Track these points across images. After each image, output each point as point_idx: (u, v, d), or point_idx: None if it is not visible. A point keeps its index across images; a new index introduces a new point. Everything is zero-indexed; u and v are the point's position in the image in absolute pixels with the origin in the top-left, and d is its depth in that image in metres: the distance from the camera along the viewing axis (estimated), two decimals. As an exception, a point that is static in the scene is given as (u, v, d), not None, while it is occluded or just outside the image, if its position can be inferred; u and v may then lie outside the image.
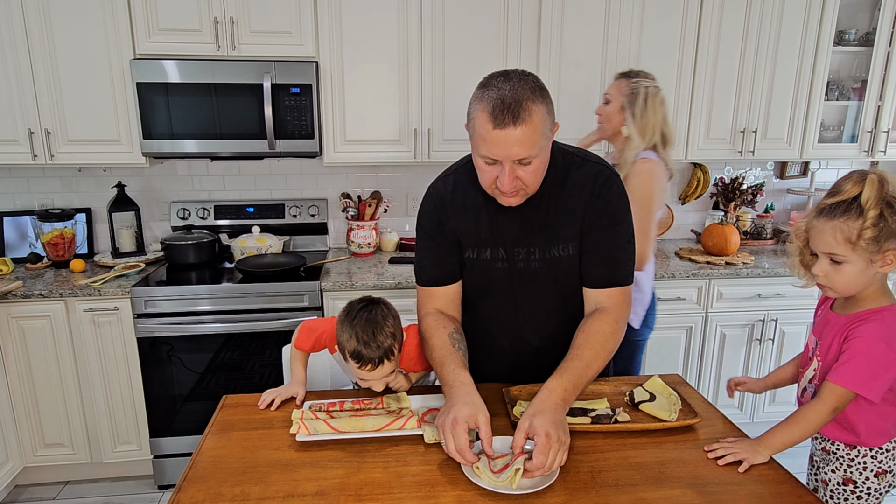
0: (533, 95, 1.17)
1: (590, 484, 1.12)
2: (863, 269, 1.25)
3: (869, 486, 1.36)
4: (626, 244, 1.37)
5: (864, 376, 1.24)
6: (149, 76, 2.44)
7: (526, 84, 1.18)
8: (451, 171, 1.46)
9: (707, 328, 2.79)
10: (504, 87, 1.17)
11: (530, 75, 1.22)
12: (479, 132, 1.20)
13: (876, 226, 1.21)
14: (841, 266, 1.27)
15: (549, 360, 1.44)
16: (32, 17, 2.38)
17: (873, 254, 1.23)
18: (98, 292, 2.39)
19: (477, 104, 1.21)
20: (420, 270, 1.48)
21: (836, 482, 1.39)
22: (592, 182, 1.34)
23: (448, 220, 1.41)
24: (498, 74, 1.22)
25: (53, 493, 2.58)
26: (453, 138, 2.71)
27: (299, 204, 2.98)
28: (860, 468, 1.36)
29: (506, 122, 1.15)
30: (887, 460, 1.36)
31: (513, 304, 1.45)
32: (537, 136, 1.18)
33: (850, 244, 1.23)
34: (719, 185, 3.24)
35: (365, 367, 1.34)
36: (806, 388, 1.43)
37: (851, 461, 1.37)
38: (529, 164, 1.21)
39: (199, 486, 1.11)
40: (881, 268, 1.25)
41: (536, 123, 1.17)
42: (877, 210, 1.21)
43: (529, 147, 1.18)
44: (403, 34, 2.60)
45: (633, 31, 2.71)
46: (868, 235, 1.21)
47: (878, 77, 2.91)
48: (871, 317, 1.28)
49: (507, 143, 1.17)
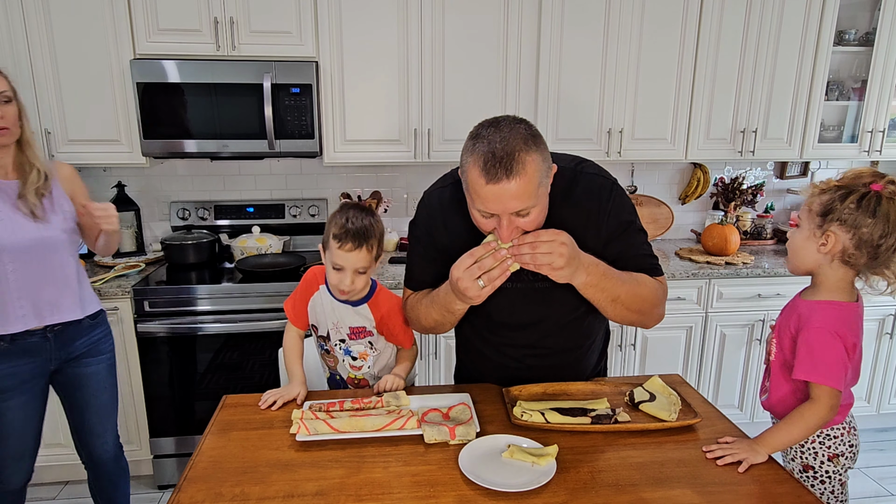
0: (525, 146, 1.12)
1: (590, 484, 1.12)
2: (806, 237, 1.33)
3: (826, 470, 1.40)
4: (644, 244, 1.38)
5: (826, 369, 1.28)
6: (149, 76, 2.44)
7: (518, 133, 1.13)
8: (447, 184, 1.43)
9: (707, 328, 2.79)
10: (495, 138, 1.13)
11: (522, 122, 1.17)
12: (473, 187, 1.16)
13: (827, 203, 1.29)
14: (796, 230, 1.37)
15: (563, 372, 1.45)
16: (32, 17, 2.38)
17: (816, 227, 1.31)
18: (98, 292, 2.39)
19: (468, 157, 1.16)
20: (409, 275, 1.49)
21: (798, 470, 1.43)
22: (597, 197, 1.33)
23: (440, 235, 1.40)
24: (488, 124, 1.17)
25: (53, 494, 2.58)
26: (453, 138, 2.71)
27: (299, 204, 2.98)
28: (812, 454, 1.40)
29: (499, 176, 1.11)
30: (836, 445, 1.39)
31: (519, 322, 1.43)
32: (533, 187, 1.13)
33: (806, 210, 1.34)
34: (719, 185, 3.24)
35: (345, 247, 1.40)
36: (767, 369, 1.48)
37: (803, 447, 1.41)
38: (528, 214, 1.18)
39: (198, 486, 1.11)
40: (820, 246, 1.31)
41: (531, 175, 1.12)
42: (839, 192, 1.28)
43: (526, 199, 1.14)
44: (403, 34, 2.60)
45: (634, 30, 2.70)
46: (822, 199, 1.30)
47: (879, 77, 2.91)
48: (824, 308, 1.32)
49: (503, 198, 1.13)
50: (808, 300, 1.37)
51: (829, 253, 1.31)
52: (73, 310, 1.79)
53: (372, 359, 1.58)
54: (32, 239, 1.68)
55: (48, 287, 1.73)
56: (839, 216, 1.27)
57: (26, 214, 1.68)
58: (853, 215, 1.25)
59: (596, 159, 1.44)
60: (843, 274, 1.32)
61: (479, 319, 1.48)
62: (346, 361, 1.59)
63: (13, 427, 1.76)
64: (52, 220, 1.73)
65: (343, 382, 1.64)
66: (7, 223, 1.66)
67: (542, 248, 1.13)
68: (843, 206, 1.26)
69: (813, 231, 1.32)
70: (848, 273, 1.32)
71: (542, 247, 1.13)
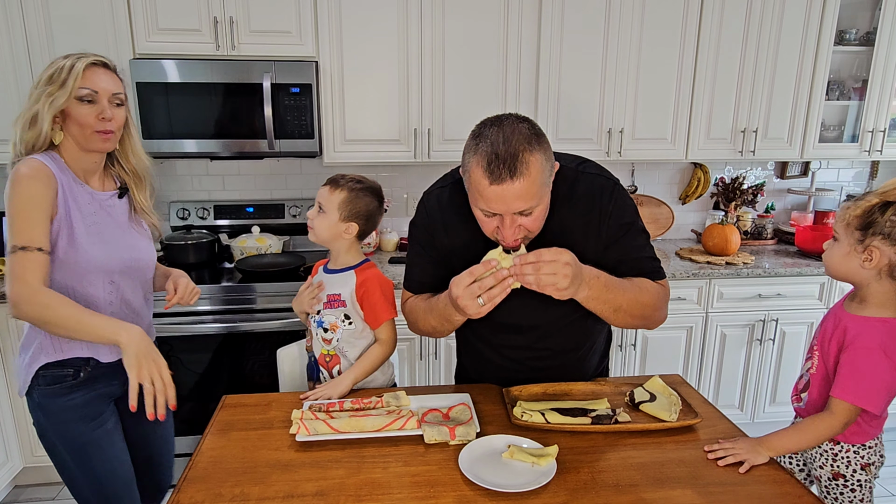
0: (529, 145, 1.12)
1: (590, 484, 1.12)
2: (846, 252, 1.30)
3: (858, 479, 1.39)
4: (646, 246, 1.37)
5: (866, 390, 1.25)
6: (148, 76, 2.43)
7: (521, 133, 1.13)
8: (447, 184, 1.42)
9: (707, 328, 2.79)
10: (498, 138, 1.12)
11: (525, 121, 1.17)
12: (476, 187, 1.15)
13: (865, 215, 1.25)
14: (834, 243, 1.34)
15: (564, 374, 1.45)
16: (32, 17, 2.38)
17: (857, 242, 1.27)
18: (98, 292, 2.39)
19: (471, 156, 1.15)
20: (409, 276, 1.49)
21: (828, 477, 1.42)
22: (599, 197, 1.32)
23: (440, 236, 1.40)
24: (491, 123, 1.16)
25: (53, 494, 2.58)
26: (453, 138, 2.71)
27: (299, 204, 2.98)
28: (845, 463, 1.39)
29: (502, 177, 1.10)
30: (869, 455, 1.39)
31: (519, 323, 1.43)
32: (536, 187, 1.13)
33: (843, 224, 1.30)
34: (720, 184, 3.24)
35: (326, 185, 1.55)
36: (802, 376, 1.46)
37: (835, 456, 1.40)
38: (531, 213, 1.18)
39: (198, 486, 1.11)
40: (864, 262, 1.28)
41: (535, 174, 1.12)
42: (877, 201, 1.25)
43: (529, 199, 1.14)
44: (403, 33, 2.60)
45: (634, 30, 2.70)
46: (855, 214, 1.27)
47: (879, 77, 2.91)
48: (874, 325, 1.28)
49: (506, 198, 1.13)
50: (855, 315, 1.32)
51: (874, 268, 1.26)
52: (150, 332, 1.64)
53: (341, 331, 1.57)
54: (133, 258, 1.53)
55: (138, 309, 1.58)
56: (881, 229, 1.23)
57: (137, 230, 1.56)
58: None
59: (596, 159, 1.44)
60: (891, 287, 1.28)
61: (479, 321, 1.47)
62: (318, 335, 1.61)
63: (114, 451, 1.53)
64: (147, 236, 1.60)
65: (316, 365, 1.64)
66: (120, 240, 1.50)
67: (546, 268, 1.11)
68: (885, 218, 1.22)
69: (853, 246, 1.28)
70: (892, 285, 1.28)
71: (545, 267, 1.11)
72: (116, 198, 1.53)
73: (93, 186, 1.49)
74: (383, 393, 1.44)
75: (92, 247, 1.42)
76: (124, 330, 1.31)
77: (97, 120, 1.40)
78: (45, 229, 1.34)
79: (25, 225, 1.32)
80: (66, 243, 1.39)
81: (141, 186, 1.59)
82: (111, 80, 1.43)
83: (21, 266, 1.31)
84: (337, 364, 1.60)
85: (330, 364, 1.61)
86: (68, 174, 1.42)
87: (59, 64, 1.38)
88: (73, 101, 1.37)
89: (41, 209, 1.34)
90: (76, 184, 1.44)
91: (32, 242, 1.32)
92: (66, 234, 1.39)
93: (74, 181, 1.43)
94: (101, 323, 1.33)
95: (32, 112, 1.37)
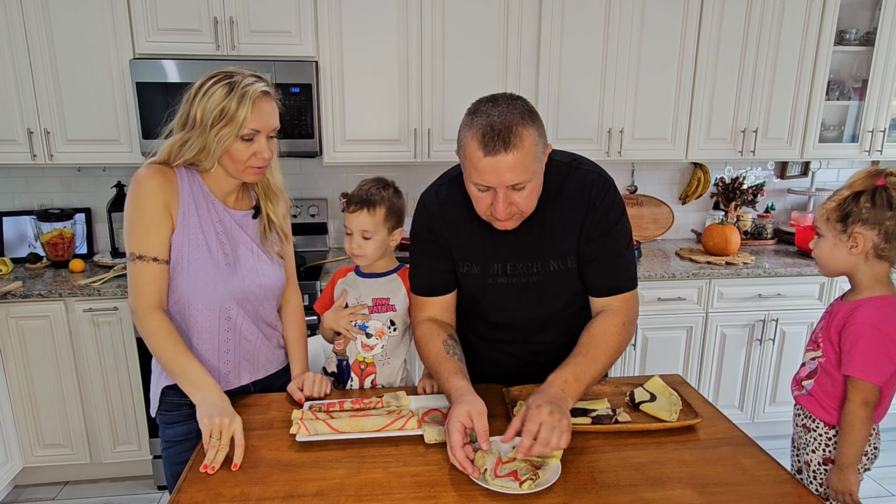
0: (523, 120, 1.15)
1: (590, 484, 1.11)
2: (833, 244, 1.39)
3: None
4: (625, 250, 1.37)
5: (866, 363, 1.32)
6: (148, 76, 2.43)
7: (515, 109, 1.17)
8: (442, 183, 1.44)
9: (707, 328, 2.79)
10: (493, 112, 1.16)
11: (519, 99, 1.20)
12: (471, 160, 1.18)
13: (840, 207, 1.35)
14: (819, 240, 1.42)
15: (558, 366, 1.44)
16: (32, 17, 2.38)
17: (840, 232, 1.36)
18: (97, 292, 2.39)
19: (466, 132, 1.19)
20: (414, 280, 1.48)
21: (817, 462, 1.45)
22: (588, 192, 1.33)
23: (441, 230, 1.41)
24: (486, 100, 1.20)
25: (53, 494, 2.58)
26: (453, 138, 2.69)
27: (299, 204, 2.98)
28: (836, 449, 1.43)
29: (497, 149, 1.14)
30: None
31: (514, 318, 1.44)
32: (529, 160, 1.16)
33: (823, 220, 1.40)
34: (720, 184, 3.24)
35: (349, 209, 1.51)
36: (805, 364, 1.52)
37: (829, 440, 1.44)
38: (523, 188, 1.20)
39: (198, 486, 1.11)
40: (851, 249, 1.36)
41: (528, 148, 1.15)
42: (847, 193, 1.34)
43: (522, 172, 1.16)
44: (403, 34, 2.60)
45: (634, 30, 2.70)
46: (831, 208, 1.37)
47: (879, 77, 2.91)
48: (866, 304, 1.37)
49: (500, 170, 1.15)
50: (850, 301, 1.41)
51: (861, 252, 1.35)
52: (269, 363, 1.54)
53: (388, 338, 1.55)
54: (263, 286, 1.44)
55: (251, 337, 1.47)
56: (859, 217, 1.32)
57: (268, 254, 1.48)
58: (872, 212, 1.31)
59: (596, 159, 1.44)
60: (881, 268, 1.38)
61: (474, 317, 1.49)
62: (359, 339, 1.54)
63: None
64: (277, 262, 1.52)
65: (348, 370, 1.57)
66: (254, 267, 1.43)
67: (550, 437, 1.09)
68: (859, 206, 1.32)
69: (837, 237, 1.37)
70: (884, 266, 1.37)
71: (547, 436, 1.09)
72: (251, 217, 1.48)
73: (228, 205, 1.43)
74: (383, 393, 1.44)
75: (209, 268, 1.35)
76: (199, 391, 1.25)
77: (253, 157, 1.34)
78: (163, 238, 1.30)
79: (143, 232, 1.29)
80: (182, 260, 1.33)
81: (275, 202, 1.54)
82: (273, 113, 1.37)
83: (140, 278, 1.29)
84: (372, 374, 1.56)
85: (365, 372, 1.56)
86: (199, 188, 1.38)
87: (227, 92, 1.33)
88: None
89: (159, 217, 1.30)
90: (209, 200, 1.38)
91: (149, 252, 1.29)
92: (185, 250, 1.33)
93: (206, 196, 1.38)
94: (187, 374, 1.27)
95: (202, 143, 1.34)
